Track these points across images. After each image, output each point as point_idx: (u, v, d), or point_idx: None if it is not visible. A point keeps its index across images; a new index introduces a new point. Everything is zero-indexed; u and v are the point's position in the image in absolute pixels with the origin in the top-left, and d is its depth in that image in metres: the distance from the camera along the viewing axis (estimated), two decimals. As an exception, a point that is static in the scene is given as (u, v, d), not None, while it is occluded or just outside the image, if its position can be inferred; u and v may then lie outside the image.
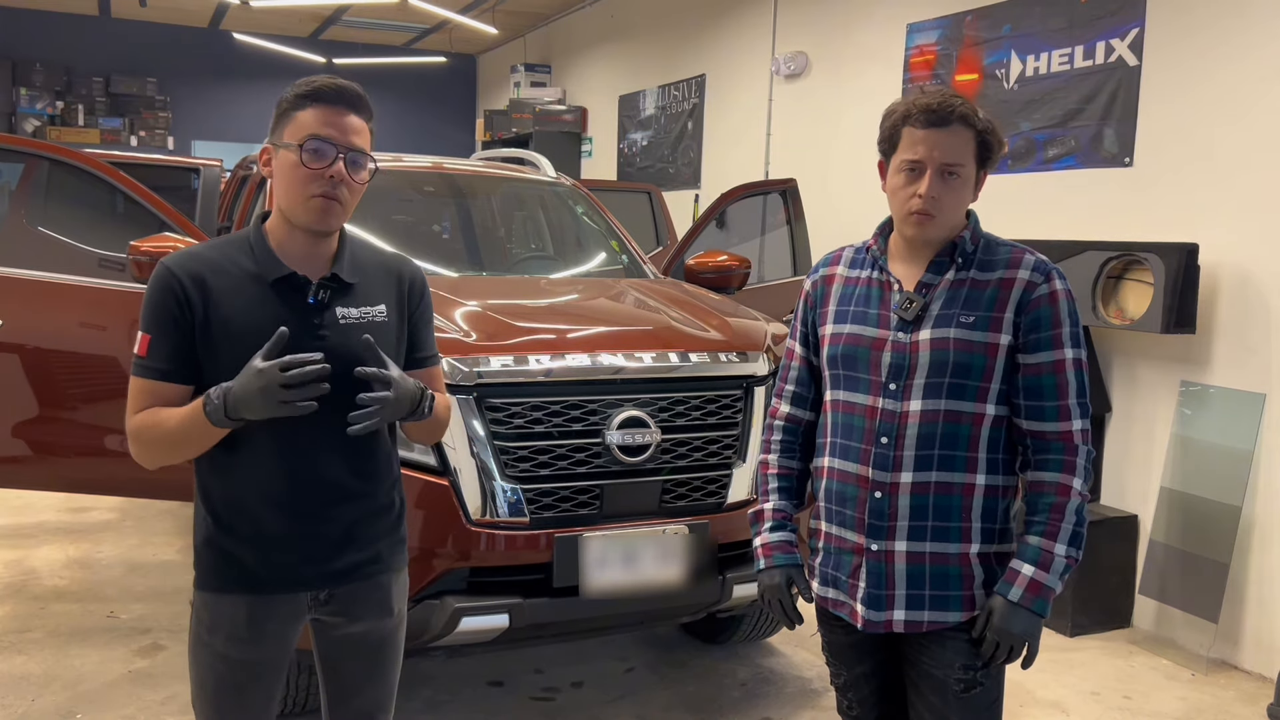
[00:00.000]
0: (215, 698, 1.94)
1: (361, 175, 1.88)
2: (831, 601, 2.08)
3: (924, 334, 1.96)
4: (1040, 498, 1.94)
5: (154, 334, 1.84)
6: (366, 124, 1.91)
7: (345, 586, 1.97)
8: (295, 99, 1.88)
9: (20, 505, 5.67)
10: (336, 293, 1.92)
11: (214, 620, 1.92)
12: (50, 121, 10.93)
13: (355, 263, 1.96)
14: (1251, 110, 4.10)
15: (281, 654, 1.97)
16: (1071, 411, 1.93)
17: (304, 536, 1.92)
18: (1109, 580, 4.46)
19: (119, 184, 3.93)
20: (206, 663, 1.93)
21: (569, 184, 4.90)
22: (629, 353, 3.14)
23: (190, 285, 1.84)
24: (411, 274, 2.08)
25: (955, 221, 1.97)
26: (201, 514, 1.94)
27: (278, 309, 1.86)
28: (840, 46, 6.51)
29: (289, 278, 1.88)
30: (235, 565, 1.91)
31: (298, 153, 1.83)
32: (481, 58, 13.03)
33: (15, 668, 3.72)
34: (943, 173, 1.91)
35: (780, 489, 2.17)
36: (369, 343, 1.84)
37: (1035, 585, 1.90)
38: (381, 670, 2.06)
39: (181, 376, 1.85)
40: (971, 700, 1.98)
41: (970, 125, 1.92)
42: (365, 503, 1.97)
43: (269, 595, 1.92)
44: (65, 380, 3.84)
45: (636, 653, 4.06)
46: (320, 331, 1.88)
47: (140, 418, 1.85)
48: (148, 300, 1.86)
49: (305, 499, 1.90)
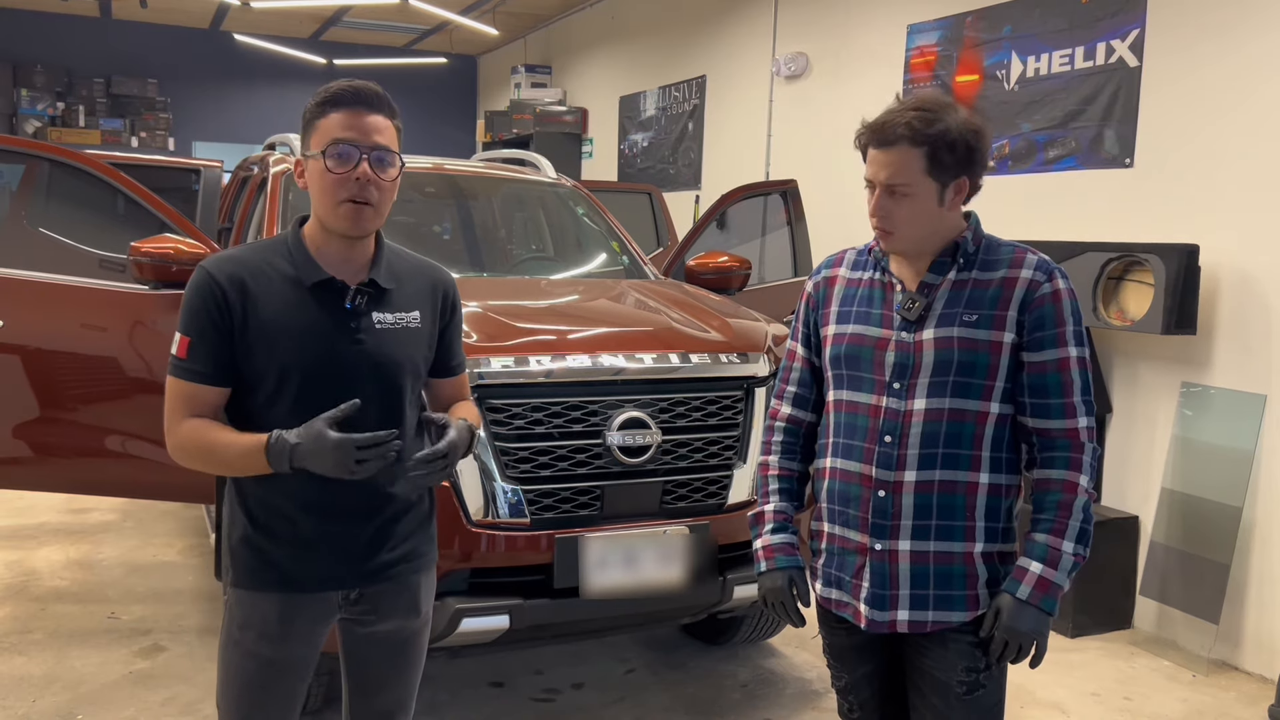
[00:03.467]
0: (242, 694, 1.97)
1: (389, 173, 1.90)
2: (835, 602, 2.08)
3: (927, 333, 1.96)
4: (1047, 495, 1.94)
5: (193, 336, 1.87)
6: (390, 121, 1.92)
7: (376, 586, 2.00)
8: (316, 107, 1.90)
9: (21, 506, 5.67)
10: (373, 298, 1.95)
11: (246, 618, 1.95)
12: (51, 123, 10.93)
13: (391, 269, 1.99)
14: (1252, 111, 4.10)
15: (310, 653, 2.00)
16: (1076, 409, 1.93)
17: (337, 536, 1.95)
18: (1110, 581, 4.46)
19: (120, 185, 3.93)
20: (236, 660, 1.96)
21: (569, 185, 4.90)
22: (629, 354, 3.14)
23: (229, 288, 1.86)
24: (446, 283, 2.11)
25: (918, 233, 1.96)
26: (237, 514, 1.97)
27: (316, 313, 1.90)
28: (841, 47, 6.51)
29: (327, 282, 1.91)
30: (270, 565, 1.94)
31: (323, 160, 1.85)
32: (482, 59, 13.03)
33: (16, 669, 3.72)
34: (889, 191, 1.92)
35: (781, 490, 2.17)
36: (428, 418, 1.91)
37: (1044, 583, 1.90)
38: (405, 669, 2.09)
39: (220, 379, 1.89)
40: (974, 702, 1.98)
41: (917, 142, 1.88)
42: (398, 503, 2.01)
43: (302, 594, 1.95)
44: (66, 381, 3.83)
45: (637, 654, 4.06)
46: (357, 336, 1.91)
47: (189, 430, 1.87)
48: (187, 303, 1.88)
49: (339, 501, 1.93)
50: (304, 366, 1.88)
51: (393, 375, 1.95)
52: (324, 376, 1.88)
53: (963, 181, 1.94)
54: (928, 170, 1.90)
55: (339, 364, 1.90)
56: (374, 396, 1.90)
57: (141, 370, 3.80)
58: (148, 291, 3.76)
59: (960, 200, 1.97)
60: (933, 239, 1.98)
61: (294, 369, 1.88)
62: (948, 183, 1.93)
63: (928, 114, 1.90)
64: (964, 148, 1.90)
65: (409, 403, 2.01)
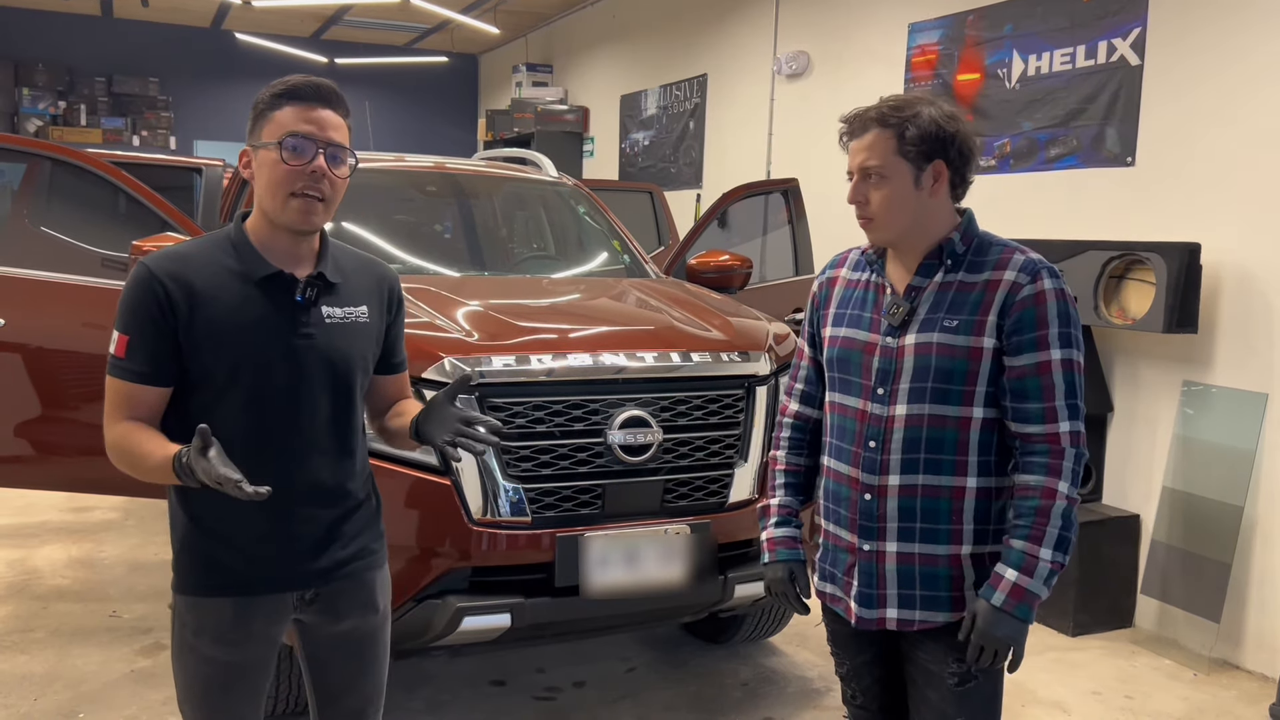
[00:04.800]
0: (204, 699, 1.94)
1: (342, 170, 1.88)
2: (829, 596, 2.13)
3: (909, 338, 1.96)
4: (1025, 501, 1.92)
5: (132, 335, 1.83)
6: (344, 120, 1.90)
7: (331, 585, 1.97)
8: (272, 99, 1.87)
9: (22, 505, 5.68)
10: (322, 292, 1.91)
11: (199, 623, 1.91)
12: (53, 121, 10.94)
13: (338, 264, 1.96)
14: (1253, 110, 4.09)
15: (268, 653, 1.97)
16: (1058, 414, 1.90)
17: (288, 536, 1.91)
18: (1111, 580, 4.46)
19: (121, 184, 3.93)
20: (193, 666, 1.93)
21: (571, 184, 4.90)
22: (631, 352, 3.14)
23: (173, 286, 1.81)
24: (391, 280, 2.09)
25: (899, 221, 1.97)
26: (180, 517, 1.92)
27: (265, 307, 1.86)
28: (842, 46, 6.51)
29: (275, 276, 1.87)
30: (218, 568, 1.90)
31: (278, 150, 1.82)
32: (483, 57, 13.03)
33: (18, 667, 3.73)
34: (864, 175, 1.96)
35: (787, 485, 2.22)
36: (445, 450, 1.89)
37: (1019, 590, 1.89)
38: (370, 666, 2.07)
39: (160, 379, 1.84)
40: (968, 694, 1.98)
41: (886, 125, 1.93)
42: (346, 500, 1.98)
43: (254, 596, 1.91)
44: (67, 380, 3.84)
45: (638, 652, 4.06)
46: (307, 330, 1.88)
47: (119, 433, 1.84)
48: (126, 300, 1.84)
49: (291, 499, 1.89)
50: (255, 362, 1.84)
51: (345, 371, 1.92)
52: (276, 372, 1.85)
53: (938, 166, 1.94)
54: (898, 150, 1.93)
55: (290, 359, 1.86)
56: (326, 392, 1.88)
57: (143, 369, 3.80)
58: (149, 290, 3.75)
59: (941, 189, 1.96)
60: (918, 232, 1.98)
61: (245, 365, 1.84)
62: (922, 165, 1.94)
63: (898, 102, 1.96)
64: (934, 129, 1.92)
65: (359, 399, 1.99)
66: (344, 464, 1.96)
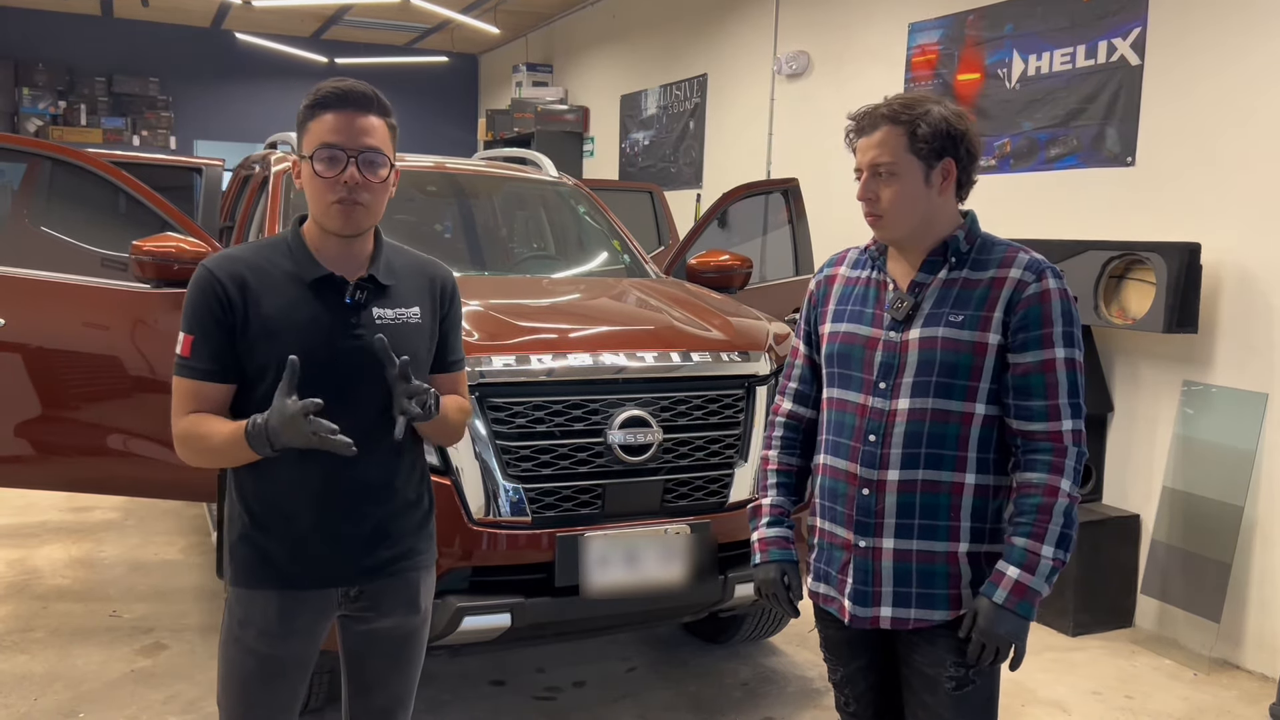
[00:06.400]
0: (242, 692, 1.97)
1: (379, 174, 1.90)
2: (823, 597, 2.11)
3: (914, 333, 1.97)
4: (1027, 499, 1.92)
5: (196, 334, 1.89)
6: (382, 121, 1.92)
7: (376, 583, 2.00)
8: (306, 109, 1.91)
9: (23, 505, 5.68)
10: (373, 294, 1.96)
11: (246, 615, 1.95)
12: (53, 121, 10.94)
13: (390, 266, 2.00)
14: (1254, 109, 4.09)
15: (310, 650, 2.00)
16: (1061, 411, 1.91)
17: (337, 534, 1.96)
18: (1111, 580, 4.46)
19: (121, 184, 3.93)
20: (236, 657, 1.97)
21: (571, 184, 4.90)
22: (631, 352, 3.14)
23: (231, 285, 1.88)
24: (444, 278, 2.11)
25: (908, 218, 1.97)
26: (237, 511, 1.97)
27: (316, 308, 1.91)
28: (842, 46, 6.51)
29: (326, 278, 1.92)
30: (269, 562, 1.94)
31: (311, 163, 1.87)
32: (483, 57, 13.03)
33: (18, 667, 3.73)
34: (875, 172, 1.97)
35: (779, 485, 2.21)
36: (382, 342, 1.87)
37: (1020, 588, 1.89)
38: (404, 666, 2.10)
39: (224, 376, 1.90)
40: (965, 698, 1.98)
41: (897, 122, 1.94)
42: (396, 499, 2.01)
43: (301, 591, 1.95)
44: (68, 380, 3.84)
45: (638, 652, 4.06)
46: (356, 331, 1.92)
47: (186, 424, 1.89)
48: (189, 301, 1.90)
49: (340, 497, 1.94)
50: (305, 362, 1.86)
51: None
52: (324, 372, 1.88)
53: (948, 164, 1.96)
54: (909, 148, 1.94)
55: (339, 359, 1.90)
56: (375, 392, 1.91)
57: (143, 369, 3.81)
58: (149, 290, 3.76)
59: (949, 187, 1.98)
60: (925, 229, 1.99)
61: None
62: (933, 163, 1.95)
63: (908, 100, 1.97)
64: (945, 127, 1.94)
65: None
66: (392, 464, 1.99)
